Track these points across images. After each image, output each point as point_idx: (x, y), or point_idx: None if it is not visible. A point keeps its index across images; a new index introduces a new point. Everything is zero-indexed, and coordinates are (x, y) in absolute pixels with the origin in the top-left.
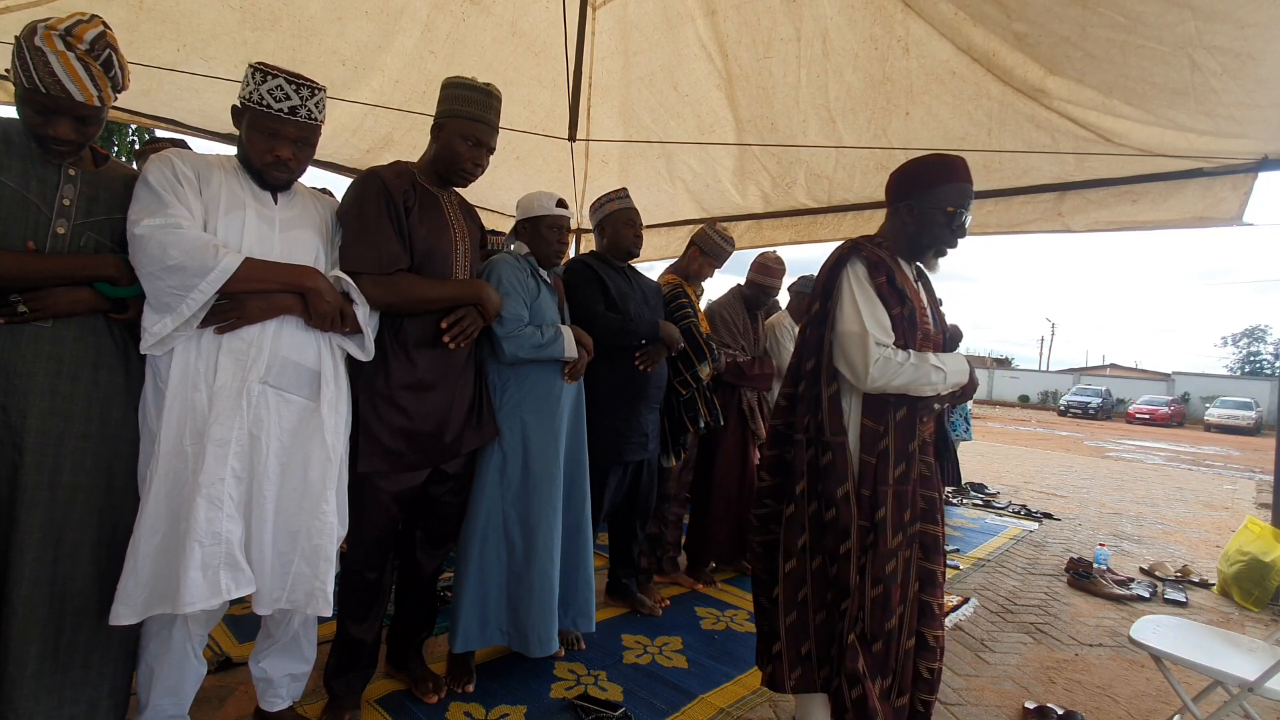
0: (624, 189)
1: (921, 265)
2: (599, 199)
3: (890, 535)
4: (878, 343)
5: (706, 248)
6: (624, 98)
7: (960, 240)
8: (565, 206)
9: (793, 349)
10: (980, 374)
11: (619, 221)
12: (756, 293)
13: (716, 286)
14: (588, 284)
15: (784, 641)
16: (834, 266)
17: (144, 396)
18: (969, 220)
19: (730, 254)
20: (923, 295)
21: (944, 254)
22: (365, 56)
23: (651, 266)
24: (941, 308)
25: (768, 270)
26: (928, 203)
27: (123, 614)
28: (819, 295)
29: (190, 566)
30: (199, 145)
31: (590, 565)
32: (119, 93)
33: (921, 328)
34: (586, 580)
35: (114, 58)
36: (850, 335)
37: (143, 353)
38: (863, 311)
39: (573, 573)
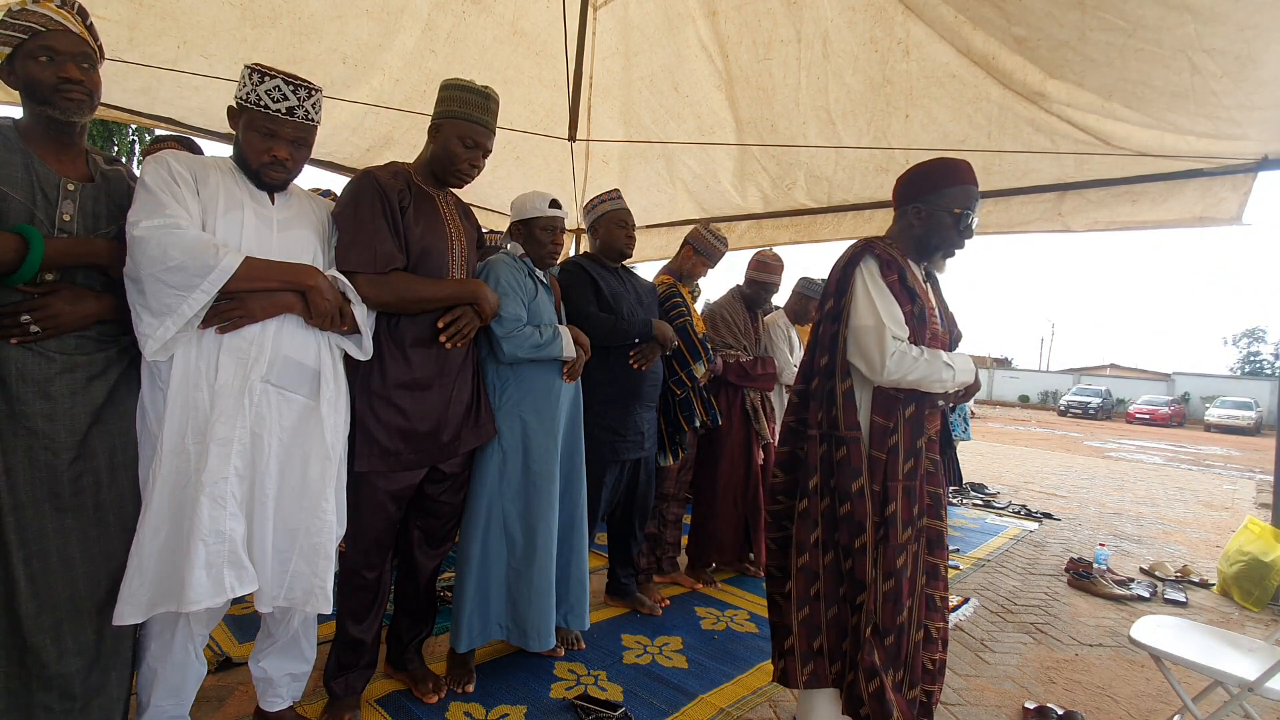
0: (616, 190)
1: (929, 266)
2: (592, 200)
3: (900, 530)
4: (894, 336)
5: (700, 247)
6: (624, 98)
7: (967, 242)
8: (559, 207)
9: (785, 349)
10: (980, 374)
11: (611, 222)
12: (756, 291)
13: (716, 287)
14: (580, 285)
15: (796, 636)
16: (847, 264)
17: (141, 399)
18: (975, 222)
19: (724, 253)
20: (931, 296)
21: (951, 255)
22: (366, 55)
23: (652, 267)
24: (950, 309)
25: (766, 267)
26: (935, 205)
27: (127, 613)
28: (832, 292)
29: (195, 565)
30: (201, 144)
31: (584, 564)
32: (100, 50)
33: (930, 326)
34: (580, 579)
35: (85, 12)
36: (866, 329)
37: (148, 359)
38: (878, 305)
39: (566, 570)
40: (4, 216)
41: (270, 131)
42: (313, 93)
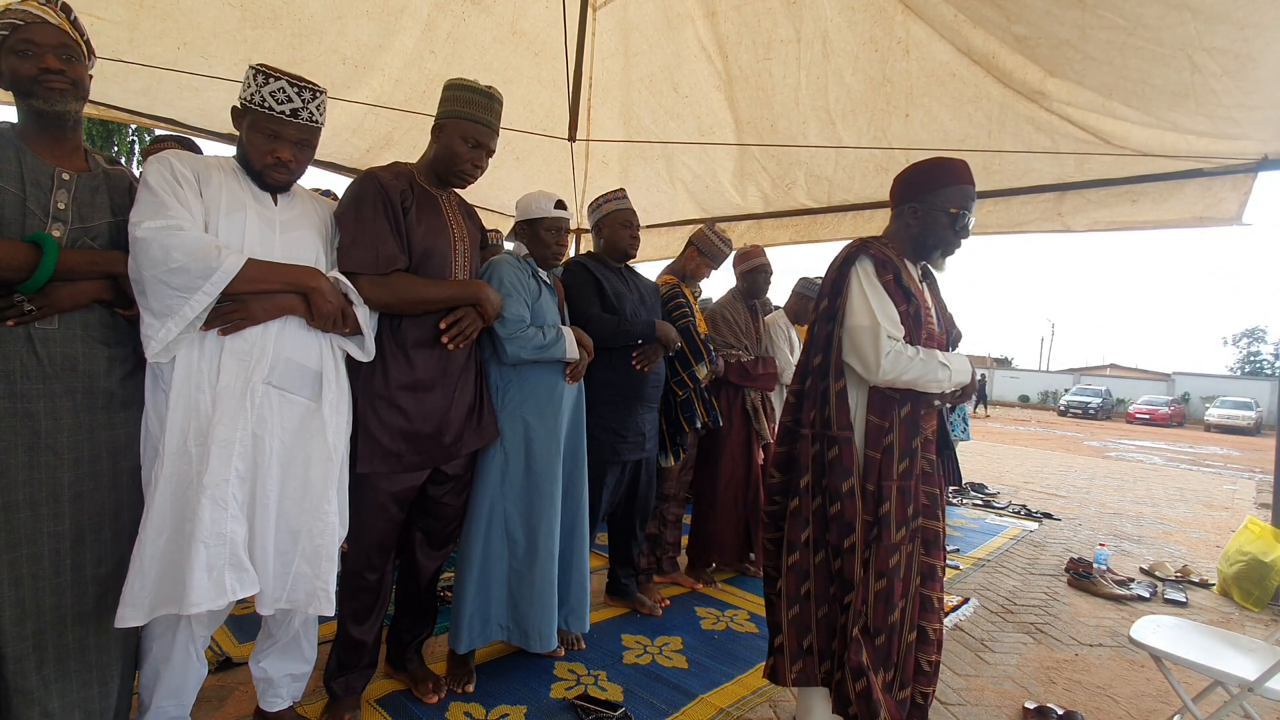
0: (621, 189)
1: (929, 266)
2: (596, 199)
3: (894, 530)
4: (889, 335)
5: (704, 248)
6: (624, 98)
7: (964, 241)
8: (564, 208)
9: (785, 349)
10: (980, 373)
11: (616, 222)
12: (751, 282)
13: (716, 288)
14: (583, 285)
15: (786, 634)
16: (843, 264)
17: (145, 399)
18: (972, 221)
19: (728, 255)
20: (928, 295)
21: (949, 254)
22: (365, 55)
23: (652, 267)
24: (949, 310)
25: (747, 255)
26: (931, 205)
27: (129, 615)
28: (827, 292)
29: (196, 568)
30: (201, 145)
31: (585, 566)
32: (88, 46)
33: (926, 326)
34: (581, 580)
35: (69, 8)
36: (861, 329)
37: (150, 361)
38: (873, 305)
39: (567, 572)
40: None
41: (274, 133)
42: (317, 94)
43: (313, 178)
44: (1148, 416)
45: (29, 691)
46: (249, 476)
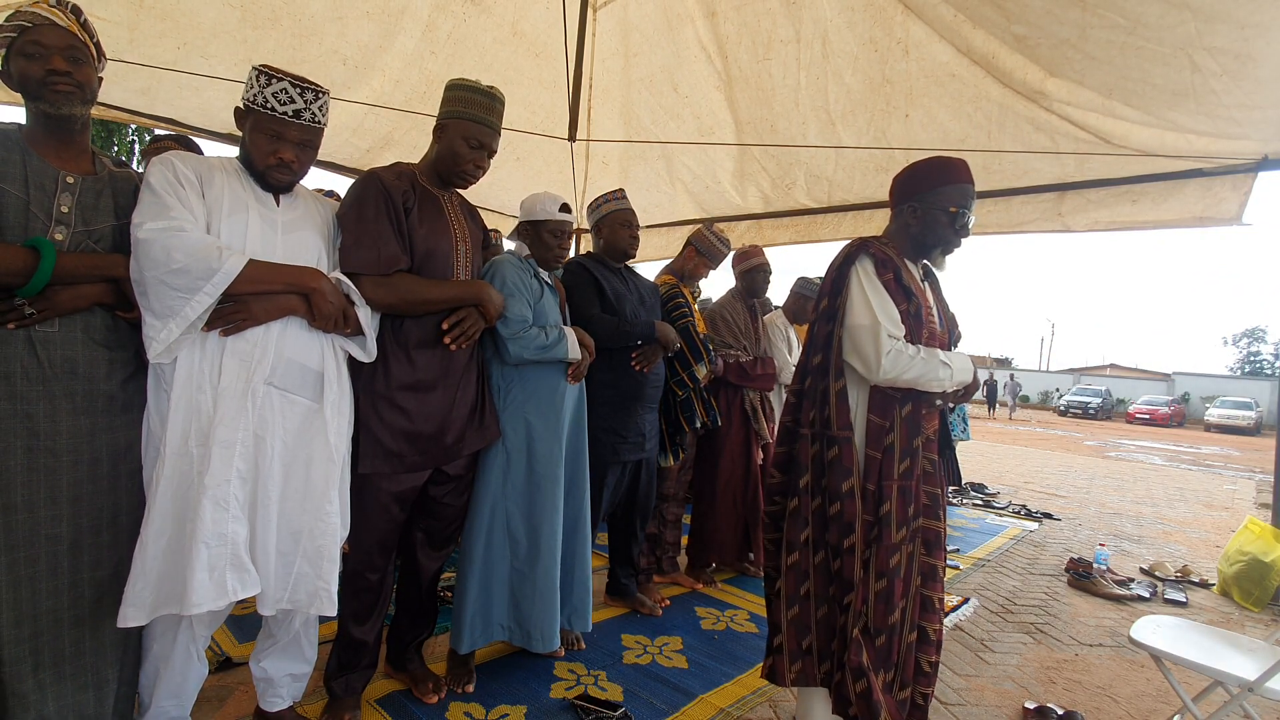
0: (621, 190)
1: (929, 265)
2: (596, 200)
3: (894, 530)
4: (889, 334)
5: (703, 248)
6: (624, 99)
7: (964, 239)
8: (569, 211)
9: (784, 349)
10: (980, 373)
11: (615, 222)
12: (750, 281)
13: (716, 288)
14: (583, 286)
15: (785, 635)
16: (843, 263)
17: (146, 401)
18: (972, 220)
19: (726, 254)
20: (929, 294)
21: (949, 253)
22: (366, 56)
23: (652, 267)
24: (951, 310)
25: (746, 255)
26: (930, 204)
27: (131, 615)
28: (827, 291)
29: (197, 568)
30: (201, 145)
31: (588, 565)
32: (98, 49)
33: (928, 325)
34: (583, 580)
35: (80, 10)
36: (862, 328)
37: (152, 362)
38: (874, 304)
39: (569, 572)
40: (1, 210)
41: (276, 134)
42: (320, 95)
43: (313, 178)
44: (1148, 416)
45: (25, 695)
46: (250, 477)
